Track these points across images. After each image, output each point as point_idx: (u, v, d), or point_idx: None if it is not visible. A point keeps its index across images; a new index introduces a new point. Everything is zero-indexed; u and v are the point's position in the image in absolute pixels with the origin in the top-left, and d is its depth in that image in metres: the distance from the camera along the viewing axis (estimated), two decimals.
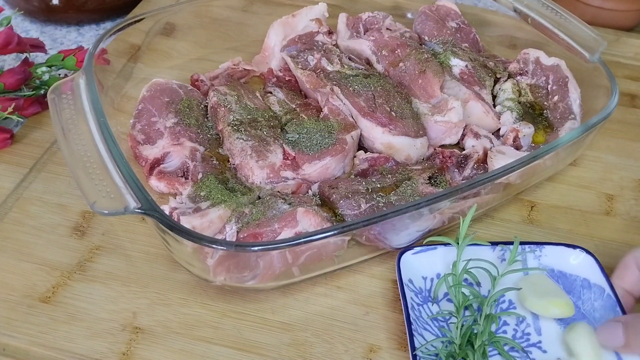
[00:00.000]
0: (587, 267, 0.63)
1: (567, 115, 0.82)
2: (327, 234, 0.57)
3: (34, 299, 0.62)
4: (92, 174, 0.59)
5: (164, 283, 0.64)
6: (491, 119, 0.82)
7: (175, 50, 0.93)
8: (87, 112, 0.65)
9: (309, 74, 0.83)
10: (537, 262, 0.64)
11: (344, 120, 0.77)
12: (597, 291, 0.62)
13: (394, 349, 0.60)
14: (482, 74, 0.86)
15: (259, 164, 0.71)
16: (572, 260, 0.64)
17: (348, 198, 0.67)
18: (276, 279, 0.61)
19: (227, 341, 0.60)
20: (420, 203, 0.60)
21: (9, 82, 0.78)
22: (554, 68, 0.86)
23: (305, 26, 0.93)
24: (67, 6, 1.01)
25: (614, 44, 1.04)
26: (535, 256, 0.65)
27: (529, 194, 0.78)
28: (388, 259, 0.68)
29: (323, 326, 0.62)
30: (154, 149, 0.74)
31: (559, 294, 0.61)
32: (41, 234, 0.68)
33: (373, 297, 0.65)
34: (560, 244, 0.65)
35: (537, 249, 0.65)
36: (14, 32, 0.80)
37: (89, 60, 0.71)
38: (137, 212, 0.56)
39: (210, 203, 0.66)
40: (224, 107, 0.77)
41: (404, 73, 0.84)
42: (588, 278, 0.63)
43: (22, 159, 0.76)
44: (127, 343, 0.59)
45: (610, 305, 0.60)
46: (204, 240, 0.55)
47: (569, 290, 0.63)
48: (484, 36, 0.98)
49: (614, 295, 0.60)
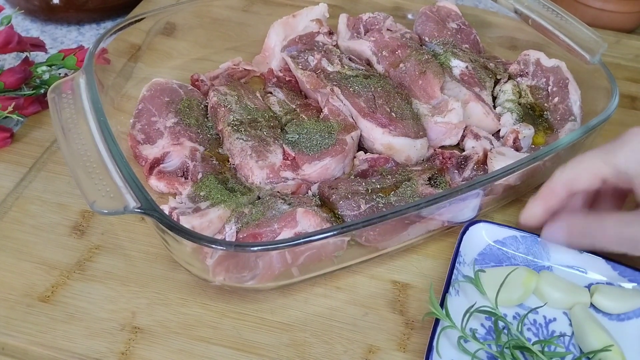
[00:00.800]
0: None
1: (567, 117, 0.82)
2: (326, 235, 0.57)
3: (33, 298, 0.62)
4: (91, 173, 0.59)
5: (164, 283, 0.64)
6: (491, 120, 0.82)
7: (176, 50, 0.93)
8: (87, 112, 0.65)
9: (309, 75, 0.83)
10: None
11: (344, 120, 0.77)
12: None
13: (393, 350, 0.60)
14: (482, 75, 0.86)
15: (259, 164, 0.71)
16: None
17: (348, 199, 0.67)
18: (275, 279, 0.61)
19: (226, 341, 0.60)
20: (420, 204, 0.60)
21: (9, 81, 0.78)
22: (554, 69, 0.86)
23: (306, 26, 0.93)
24: (68, 5, 1.01)
25: (614, 46, 1.04)
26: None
27: (529, 196, 0.77)
28: (387, 259, 0.68)
29: (322, 327, 0.62)
30: (153, 149, 0.75)
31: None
32: (40, 233, 0.68)
33: (372, 297, 0.65)
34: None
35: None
36: (15, 31, 0.80)
37: (89, 60, 0.71)
38: (136, 211, 0.56)
39: (209, 203, 0.66)
40: (224, 107, 0.77)
41: (404, 74, 0.84)
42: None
43: (22, 158, 0.76)
44: (126, 343, 0.59)
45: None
46: (203, 240, 0.55)
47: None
48: (484, 37, 0.98)
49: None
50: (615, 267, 0.65)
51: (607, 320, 0.62)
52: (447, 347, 0.58)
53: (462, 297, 0.62)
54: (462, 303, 0.60)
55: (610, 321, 0.62)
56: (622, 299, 0.62)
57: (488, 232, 0.67)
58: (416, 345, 0.61)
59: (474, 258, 0.66)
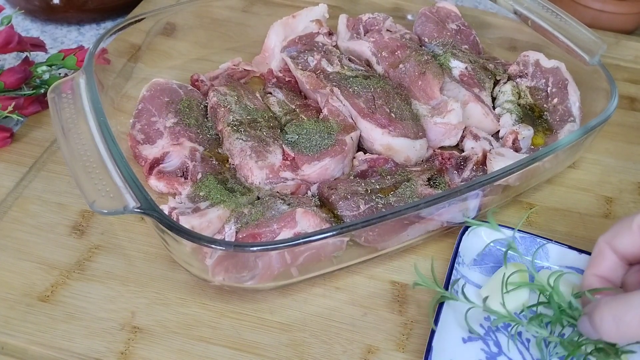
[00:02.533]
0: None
1: (567, 118, 0.82)
2: (326, 235, 0.57)
3: (33, 298, 0.62)
4: (91, 173, 0.59)
5: (163, 283, 0.64)
6: (490, 121, 0.82)
7: (176, 50, 0.93)
8: (87, 112, 0.65)
9: (308, 75, 0.83)
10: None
11: (343, 121, 0.77)
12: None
13: (392, 350, 0.60)
14: (481, 76, 0.86)
15: (259, 165, 0.71)
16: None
17: (347, 199, 0.67)
18: (275, 279, 0.61)
19: (225, 341, 0.60)
20: (419, 204, 0.60)
21: (9, 81, 0.78)
22: (553, 70, 0.86)
23: (306, 27, 0.93)
24: (68, 5, 1.01)
25: (613, 47, 1.04)
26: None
27: (528, 196, 0.78)
28: (386, 260, 0.68)
29: (321, 327, 0.62)
30: (153, 149, 0.75)
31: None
32: (40, 233, 0.68)
33: (371, 298, 0.65)
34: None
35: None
36: (15, 31, 0.80)
37: (89, 60, 0.72)
38: (136, 211, 0.56)
39: (209, 203, 0.66)
40: (224, 108, 0.77)
41: (404, 74, 0.84)
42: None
43: (21, 158, 0.76)
44: (126, 342, 0.59)
45: None
46: (202, 240, 0.55)
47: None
48: (484, 38, 0.98)
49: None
50: None
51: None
52: (447, 347, 0.58)
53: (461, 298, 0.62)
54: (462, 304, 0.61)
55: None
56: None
57: (487, 232, 0.67)
58: (415, 345, 0.61)
59: (473, 258, 0.66)
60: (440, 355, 0.56)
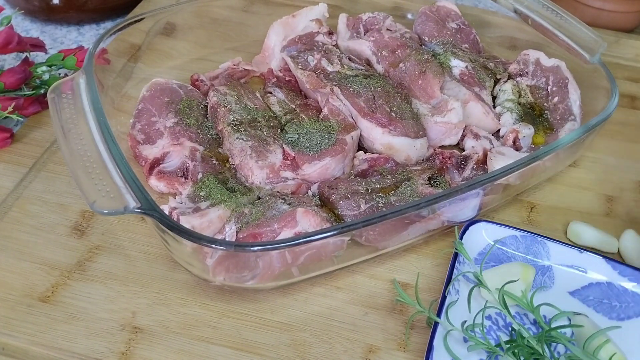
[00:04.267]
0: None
1: (567, 117, 0.82)
2: (326, 234, 0.57)
3: (34, 299, 0.62)
4: (92, 173, 0.59)
5: (164, 283, 0.64)
6: (491, 120, 0.82)
7: (176, 50, 0.93)
8: (87, 112, 0.65)
9: (309, 75, 0.83)
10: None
11: (343, 120, 0.77)
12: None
13: (392, 350, 0.60)
14: (482, 74, 0.86)
15: (259, 164, 0.71)
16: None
17: (348, 198, 0.67)
18: (275, 279, 0.61)
19: (226, 341, 0.60)
20: (419, 204, 0.60)
21: (9, 81, 0.78)
22: (554, 69, 0.86)
23: (306, 26, 0.93)
24: (68, 6, 1.01)
25: (613, 46, 1.04)
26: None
27: (529, 195, 0.78)
28: (387, 259, 0.68)
29: (322, 326, 0.62)
30: (153, 149, 0.75)
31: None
32: (41, 234, 0.68)
33: (372, 297, 0.65)
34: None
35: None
36: (15, 32, 0.80)
37: (89, 60, 0.71)
38: (136, 211, 0.56)
39: (209, 203, 0.66)
40: (224, 107, 0.77)
41: (404, 74, 0.84)
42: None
43: (22, 158, 0.76)
44: (127, 343, 0.59)
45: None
46: (203, 240, 0.55)
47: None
48: (484, 37, 0.98)
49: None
50: (615, 267, 0.65)
51: (607, 320, 0.62)
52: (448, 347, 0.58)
53: (462, 298, 0.62)
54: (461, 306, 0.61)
55: (610, 320, 0.62)
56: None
57: (488, 231, 0.67)
58: (416, 345, 0.61)
59: (473, 257, 0.66)
60: (441, 354, 0.56)
